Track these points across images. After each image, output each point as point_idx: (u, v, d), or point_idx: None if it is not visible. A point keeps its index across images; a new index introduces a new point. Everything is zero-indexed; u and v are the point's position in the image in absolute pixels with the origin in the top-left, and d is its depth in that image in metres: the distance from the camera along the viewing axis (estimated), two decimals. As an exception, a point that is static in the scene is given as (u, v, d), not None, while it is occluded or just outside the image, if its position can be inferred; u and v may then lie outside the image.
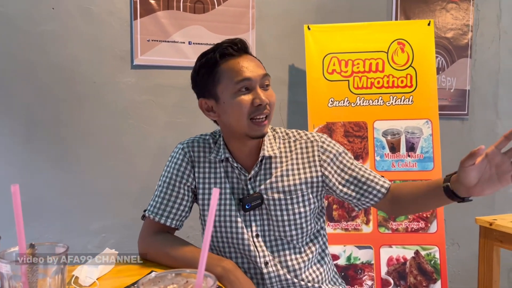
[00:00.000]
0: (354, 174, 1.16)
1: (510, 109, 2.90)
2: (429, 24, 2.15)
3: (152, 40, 2.04)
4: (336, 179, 1.16)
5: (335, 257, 2.07)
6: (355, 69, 2.13)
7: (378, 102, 2.13)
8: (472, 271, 2.03)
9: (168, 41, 2.07)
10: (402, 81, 2.13)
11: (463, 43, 2.66)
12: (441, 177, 1.07)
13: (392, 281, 2.09)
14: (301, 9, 2.35)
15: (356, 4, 2.46)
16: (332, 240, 1.91)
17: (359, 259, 2.09)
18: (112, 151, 2.07)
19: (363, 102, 2.13)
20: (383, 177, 1.18)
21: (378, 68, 2.13)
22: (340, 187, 1.16)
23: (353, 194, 1.15)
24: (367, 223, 2.10)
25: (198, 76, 1.14)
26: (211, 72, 1.11)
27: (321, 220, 1.23)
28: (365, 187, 1.15)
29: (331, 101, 2.13)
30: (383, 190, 1.14)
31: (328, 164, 1.16)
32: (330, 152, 1.17)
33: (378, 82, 2.13)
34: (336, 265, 2.05)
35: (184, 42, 2.10)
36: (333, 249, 2.06)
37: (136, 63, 2.05)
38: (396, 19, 2.49)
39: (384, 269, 2.09)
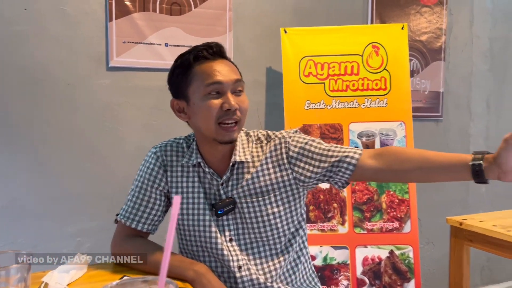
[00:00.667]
0: (323, 158, 1.13)
1: (483, 111, 2.98)
2: (402, 28, 2.19)
3: (128, 42, 2.03)
4: (308, 170, 1.14)
5: (311, 258, 2.09)
6: (331, 72, 2.16)
7: (353, 104, 2.16)
8: (446, 269, 2.08)
9: (144, 43, 2.06)
10: (376, 84, 2.16)
11: (437, 46, 2.72)
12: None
13: (367, 281, 2.13)
14: (278, 12, 2.37)
15: (333, 7, 2.49)
16: (308, 241, 1.92)
17: (335, 260, 2.12)
18: (87, 154, 2.05)
19: (338, 105, 2.16)
20: (357, 147, 1.15)
21: (353, 71, 2.16)
22: (313, 175, 1.13)
23: (327, 173, 1.13)
24: (342, 223, 2.13)
25: (172, 77, 1.15)
26: (184, 73, 1.11)
27: (300, 219, 1.22)
28: (336, 163, 1.11)
29: (308, 103, 2.16)
30: (353, 161, 1.10)
31: (296, 159, 1.15)
32: (295, 146, 1.16)
33: (353, 85, 2.16)
34: (313, 266, 2.07)
35: (160, 44, 2.09)
36: (309, 250, 2.08)
37: (112, 65, 2.03)
38: (372, 22, 2.53)
39: (359, 269, 2.12)
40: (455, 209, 2.82)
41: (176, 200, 0.55)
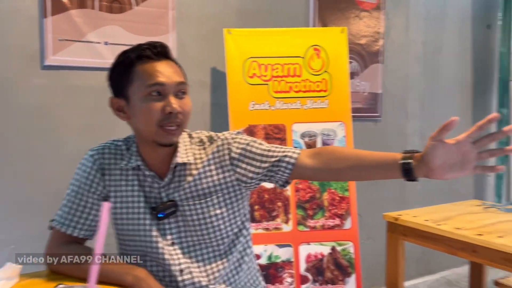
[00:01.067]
0: (264, 158, 1.14)
1: (418, 112, 3.15)
2: (342, 32, 2.27)
3: (65, 40, 1.95)
4: (250, 170, 1.14)
5: (256, 257, 2.11)
6: (274, 73, 2.19)
7: (296, 105, 2.22)
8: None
9: (82, 41, 1.99)
10: (318, 86, 2.23)
11: (375, 49, 2.84)
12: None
13: (310, 277, 2.19)
14: (222, 13, 2.37)
15: (276, 10, 2.52)
16: (253, 240, 1.94)
17: (280, 258, 2.16)
18: (21, 157, 1.94)
19: (282, 106, 2.20)
20: (296, 147, 1.17)
21: (296, 72, 2.21)
22: (255, 176, 1.14)
23: (268, 173, 1.14)
24: (286, 222, 2.17)
25: (113, 74, 1.12)
26: (125, 72, 1.08)
27: (243, 219, 1.23)
28: (276, 163, 1.12)
29: (252, 104, 2.18)
30: (292, 160, 1.11)
31: (238, 160, 1.15)
32: (238, 147, 1.16)
33: (296, 86, 2.22)
34: (257, 265, 2.10)
35: (99, 42, 2.02)
36: (254, 249, 2.10)
37: (47, 63, 1.94)
38: (314, 25, 2.60)
39: (303, 266, 2.18)
40: (393, 205, 2.95)
41: (105, 206, 0.54)
